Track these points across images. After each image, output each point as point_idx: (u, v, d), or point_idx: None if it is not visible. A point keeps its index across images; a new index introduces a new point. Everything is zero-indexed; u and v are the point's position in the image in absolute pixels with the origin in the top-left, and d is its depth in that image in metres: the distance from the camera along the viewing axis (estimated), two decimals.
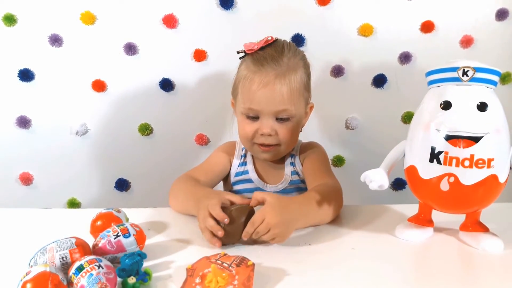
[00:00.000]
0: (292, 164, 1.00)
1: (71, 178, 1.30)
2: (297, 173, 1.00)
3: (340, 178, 0.93)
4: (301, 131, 1.00)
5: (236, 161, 1.03)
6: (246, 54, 0.93)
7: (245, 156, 1.03)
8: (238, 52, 0.94)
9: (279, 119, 0.90)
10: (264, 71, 0.88)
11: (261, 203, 0.74)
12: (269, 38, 0.92)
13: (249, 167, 1.02)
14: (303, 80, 0.92)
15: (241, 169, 1.03)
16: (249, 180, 1.01)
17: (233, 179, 1.03)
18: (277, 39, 0.93)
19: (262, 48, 0.90)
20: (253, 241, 0.72)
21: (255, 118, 0.91)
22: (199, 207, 0.76)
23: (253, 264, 0.58)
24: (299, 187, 1.01)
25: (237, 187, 1.03)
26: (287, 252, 0.69)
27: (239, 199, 0.77)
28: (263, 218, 0.69)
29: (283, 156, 1.00)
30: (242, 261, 0.58)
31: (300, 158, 1.01)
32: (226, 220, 0.70)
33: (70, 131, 1.27)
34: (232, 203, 0.76)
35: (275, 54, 0.89)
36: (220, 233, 0.69)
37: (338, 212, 0.84)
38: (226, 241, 0.71)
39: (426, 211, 0.75)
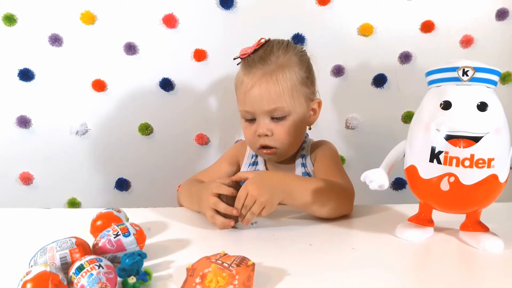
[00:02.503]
0: (303, 165, 0.98)
1: (71, 177, 1.30)
2: (308, 174, 0.98)
3: None
4: (310, 129, 1.00)
5: (246, 161, 1.03)
6: (242, 59, 0.93)
7: (256, 156, 1.02)
8: (234, 59, 0.96)
9: (275, 119, 0.90)
10: (252, 72, 0.89)
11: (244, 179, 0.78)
12: (262, 40, 0.92)
13: (260, 167, 1.01)
14: (299, 76, 0.91)
15: (252, 168, 1.02)
16: None
17: None
18: (270, 39, 0.94)
19: (255, 51, 0.91)
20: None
21: (252, 120, 0.92)
22: (201, 198, 0.80)
23: (253, 264, 0.58)
24: None
25: None
26: (287, 252, 0.69)
27: (228, 180, 0.80)
28: (246, 192, 0.74)
29: (293, 156, 0.99)
30: (242, 261, 0.58)
31: (311, 158, 0.99)
32: (233, 191, 0.76)
33: (70, 130, 1.27)
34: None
35: (263, 55, 0.89)
36: (235, 211, 0.75)
37: (340, 210, 0.83)
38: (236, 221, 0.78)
39: (427, 211, 0.75)
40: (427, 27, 1.21)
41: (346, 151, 1.30)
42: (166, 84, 1.25)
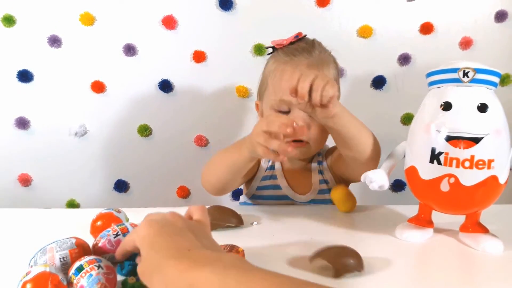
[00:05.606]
0: (321, 172, 0.96)
1: (70, 179, 1.30)
2: (325, 182, 0.95)
3: None
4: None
5: (263, 165, 0.98)
6: (274, 49, 0.91)
7: (272, 168, 0.98)
8: (266, 48, 0.93)
9: None
10: (297, 60, 0.86)
11: None
12: (297, 36, 0.91)
13: (278, 172, 0.97)
14: (335, 76, 0.90)
15: (269, 173, 0.98)
16: (277, 186, 0.96)
17: (259, 183, 0.98)
18: (306, 35, 0.93)
19: (291, 43, 0.89)
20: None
21: (285, 112, 0.88)
22: (246, 141, 0.74)
23: (243, 251, 0.60)
24: (328, 199, 0.93)
25: (262, 192, 0.98)
26: (287, 252, 0.68)
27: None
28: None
29: (310, 163, 0.96)
30: (232, 249, 0.60)
31: (328, 163, 0.96)
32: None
33: (69, 132, 1.27)
34: None
35: (306, 46, 0.88)
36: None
37: (376, 149, 0.78)
38: None
39: (426, 211, 0.75)
40: (426, 28, 1.21)
41: None
42: (165, 86, 1.24)
